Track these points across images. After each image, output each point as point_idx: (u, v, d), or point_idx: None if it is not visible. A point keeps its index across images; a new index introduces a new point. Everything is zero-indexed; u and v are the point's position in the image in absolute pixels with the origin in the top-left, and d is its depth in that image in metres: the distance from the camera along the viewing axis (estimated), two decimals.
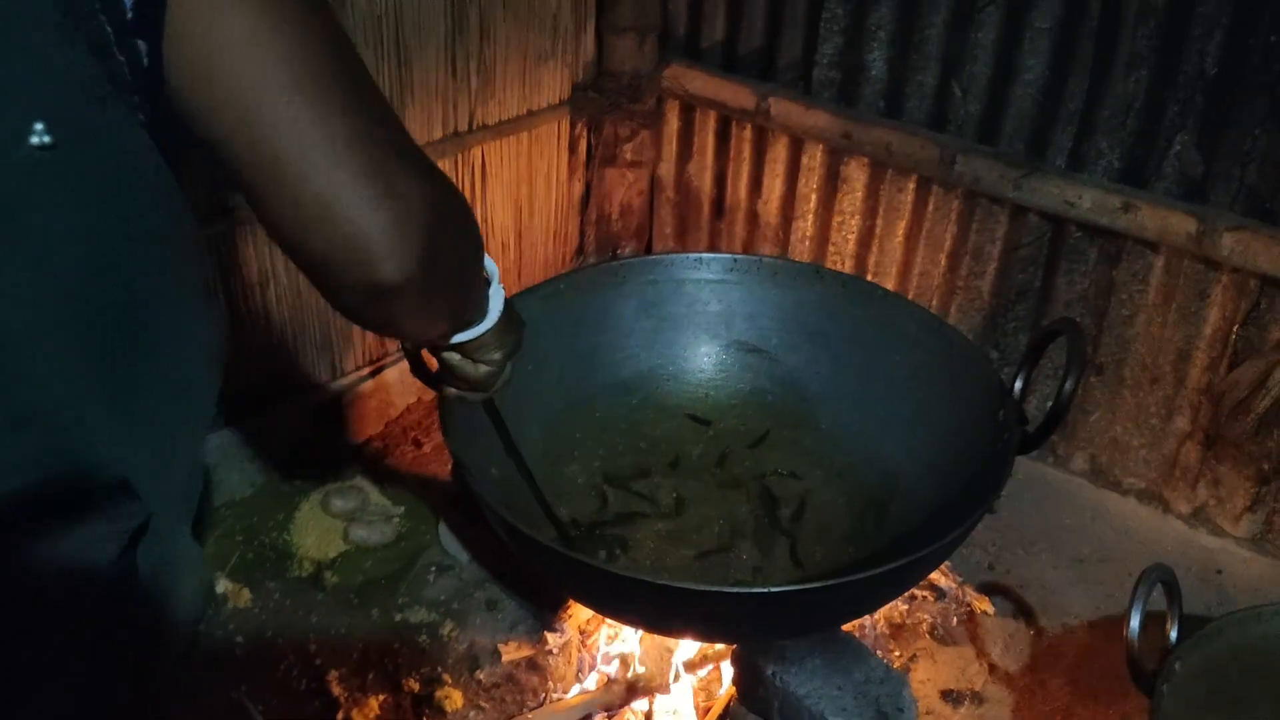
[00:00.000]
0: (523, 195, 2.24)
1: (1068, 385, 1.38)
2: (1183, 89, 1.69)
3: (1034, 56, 1.80)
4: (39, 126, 0.53)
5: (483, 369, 1.12)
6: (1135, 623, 1.26)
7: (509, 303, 1.10)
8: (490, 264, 1.05)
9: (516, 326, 1.14)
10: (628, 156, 2.32)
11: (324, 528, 1.83)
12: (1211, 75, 1.67)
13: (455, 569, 1.78)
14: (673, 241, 2.44)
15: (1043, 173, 1.83)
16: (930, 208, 2.00)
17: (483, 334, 1.06)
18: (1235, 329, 1.77)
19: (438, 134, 2.02)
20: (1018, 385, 1.54)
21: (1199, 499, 1.91)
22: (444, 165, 2.05)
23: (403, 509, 1.88)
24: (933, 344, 1.68)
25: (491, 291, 1.05)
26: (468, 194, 2.13)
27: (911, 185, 2.01)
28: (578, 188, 2.36)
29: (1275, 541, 1.87)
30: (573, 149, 2.30)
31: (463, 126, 2.05)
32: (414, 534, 1.84)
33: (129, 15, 0.56)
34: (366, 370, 2.09)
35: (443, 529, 1.82)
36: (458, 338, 1.05)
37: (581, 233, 2.42)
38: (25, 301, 0.58)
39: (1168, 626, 1.33)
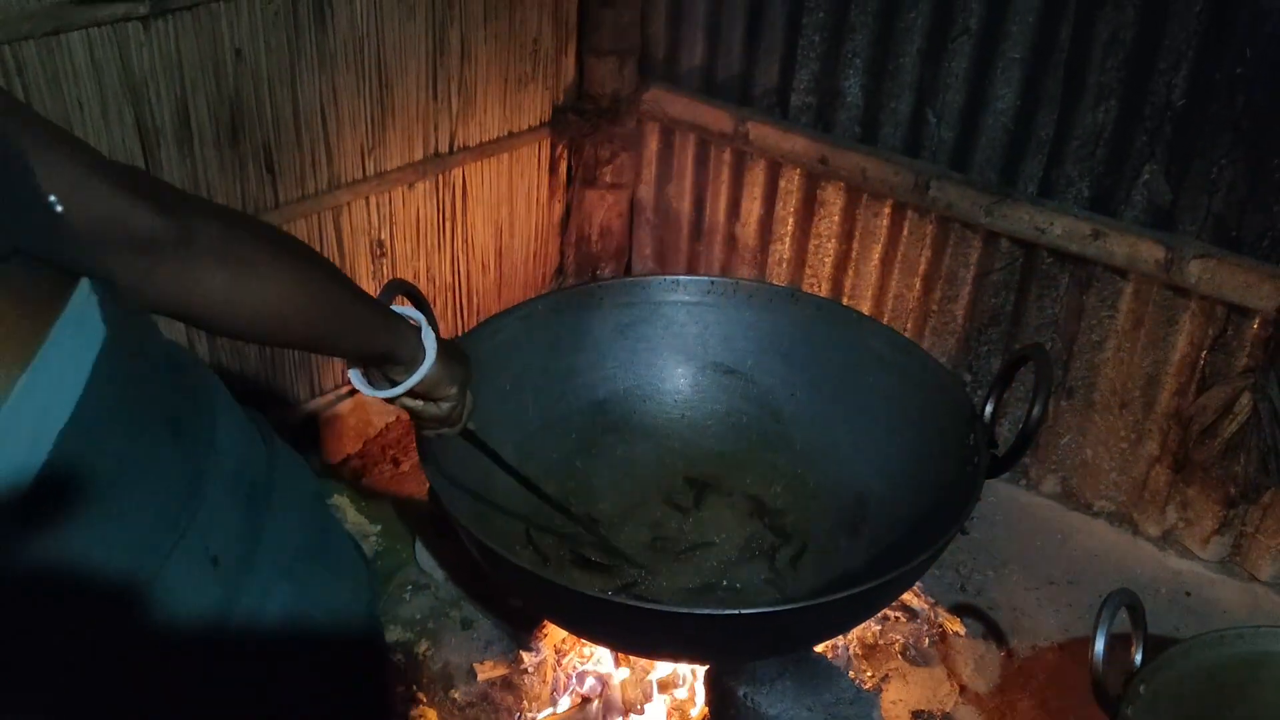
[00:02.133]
0: (503, 216, 2.26)
1: (1035, 411, 1.40)
2: (1150, 120, 1.72)
3: (1005, 86, 1.83)
4: None
5: (445, 405, 1.18)
6: (1099, 646, 1.27)
7: (445, 341, 1.16)
8: (413, 311, 1.13)
9: (461, 359, 1.19)
10: (607, 178, 2.34)
11: None
12: (1179, 106, 1.70)
13: (431, 588, 1.78)
14: (652, 263, 2.46)
15: (1014, 200, 1.86)
16: (905, 232, 2.03)
17: (426, 374, 1.11)
18: (1203, 355, 1.80)
19: (418, 155, 2.03)
20: (988, 409, 1.56)
21: (1168, 522, 1.94)
22: (425, 185, 2.07)
23: (379, 527, 1.89)
24: (905, 367, 1.70)
25: (424, 336, 1.12)
26: (449, 214, 2.14)
27: (887, 210, 2.04)
28: (558, 209, 2.38)
29: (1242, 564, 1.90)
30: (553, 170, 2.32)
31: (444, 148, 2.07)
32: (390, 553, 1.85)
33: None
34: (345, 389, 2.09)
35: (419, 548, 1.83)
36: (405, 385, 1.11)
37: (561, 253, 2.44)
38: None
39: (1132, 650, 1.34)
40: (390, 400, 1.14)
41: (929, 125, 1.95)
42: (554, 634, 1.67)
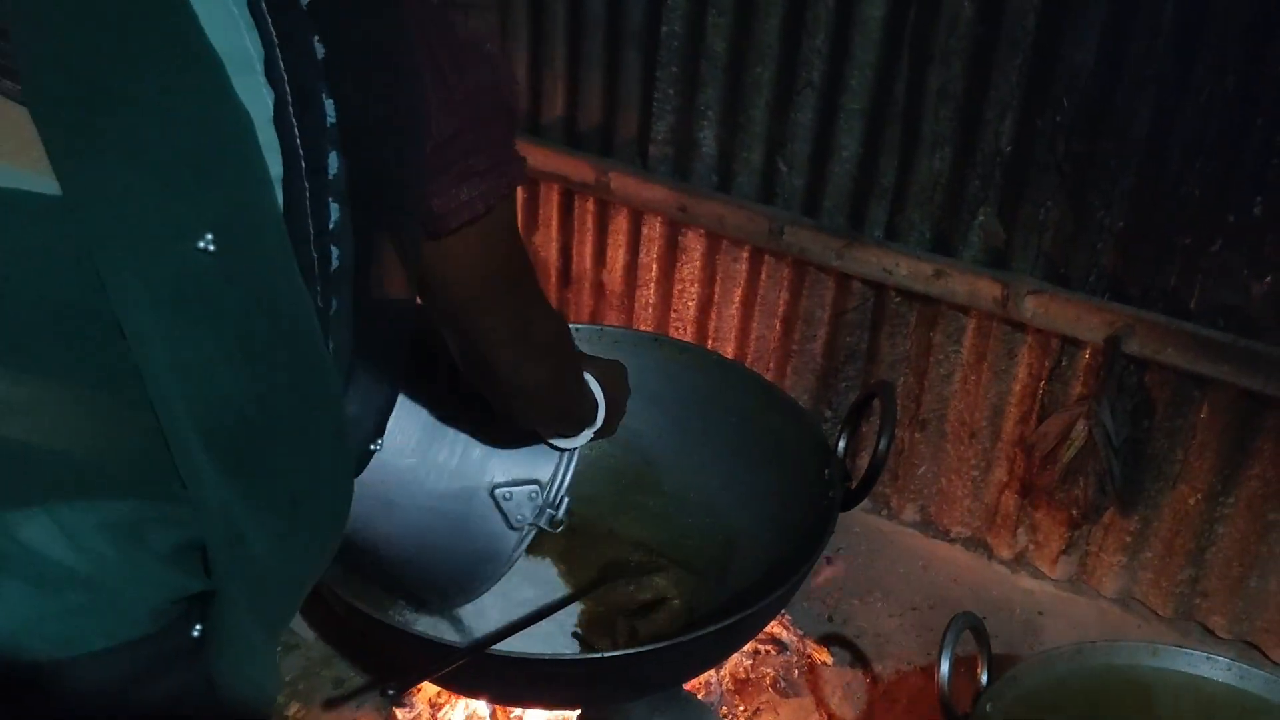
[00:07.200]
0: None
1: (881, 445, 1.48)
2: (982, 165, 1.83)
3: (849, 136, 1.92)
4: (209, 236, 0.66)
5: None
6: (945, 668, 1.33)
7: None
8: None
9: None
10: None
11: None
12: (1007, 153, 1.81)
13: (301, 648, 1.76)
14: None
15: (862, 243, 1.95)
16: (763, 276, 2.10)
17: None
18: (1042, 385, 1.90)
19: None
20: (841, 445, 1.63)
21: (1019, 545, 2.04)
22: None
23: None
24: (765, 407, 1.77)
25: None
26: None
27: (745, 255, 2.11)
28: None
29: (1089, 582, 2.00)
30: None
31: None
32: None
33: (330, 176, 0.75)
34: None
35: None
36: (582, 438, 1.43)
37: None
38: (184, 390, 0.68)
39: (978, 670, 1.41)
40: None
41: (780, 174, 2.03)
42: (428, 688, 1.67)
